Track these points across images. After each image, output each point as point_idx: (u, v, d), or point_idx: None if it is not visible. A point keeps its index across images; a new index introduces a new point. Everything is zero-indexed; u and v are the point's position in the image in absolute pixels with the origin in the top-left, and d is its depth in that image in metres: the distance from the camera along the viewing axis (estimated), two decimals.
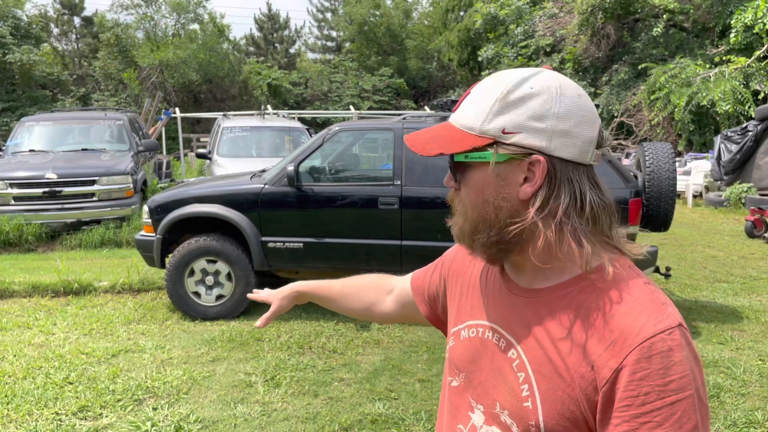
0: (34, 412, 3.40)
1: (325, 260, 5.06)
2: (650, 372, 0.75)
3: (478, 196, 0.86)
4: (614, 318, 0.79)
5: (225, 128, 10.15)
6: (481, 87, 0.87)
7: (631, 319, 0.78)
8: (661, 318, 0.78)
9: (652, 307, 0.80)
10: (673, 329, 0.77)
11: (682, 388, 0.74)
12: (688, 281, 6.33)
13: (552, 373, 0.82)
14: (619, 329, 0.78)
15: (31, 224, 8.13)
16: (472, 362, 0.95)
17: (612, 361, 0.77)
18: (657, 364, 0.75)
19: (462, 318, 1.02)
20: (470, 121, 0.85)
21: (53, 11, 32.53)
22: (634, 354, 0.76)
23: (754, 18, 14.19)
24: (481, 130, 0.84)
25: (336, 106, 28.09)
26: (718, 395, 3.62)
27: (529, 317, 0.88)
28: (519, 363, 0.87)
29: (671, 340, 0.76)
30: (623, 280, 0.83)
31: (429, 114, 6.82)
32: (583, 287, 0.84)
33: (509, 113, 0.83)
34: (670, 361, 0.75)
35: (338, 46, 38.22)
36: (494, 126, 0.83)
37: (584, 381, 0.79)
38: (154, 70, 26.57)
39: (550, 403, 0.82)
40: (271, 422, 3.30)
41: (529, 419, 0.83)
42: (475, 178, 0.86)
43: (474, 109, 0.85)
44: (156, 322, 5.04)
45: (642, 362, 0.75)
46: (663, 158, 4.92)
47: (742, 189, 11.72)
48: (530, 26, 21.15)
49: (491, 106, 0.83)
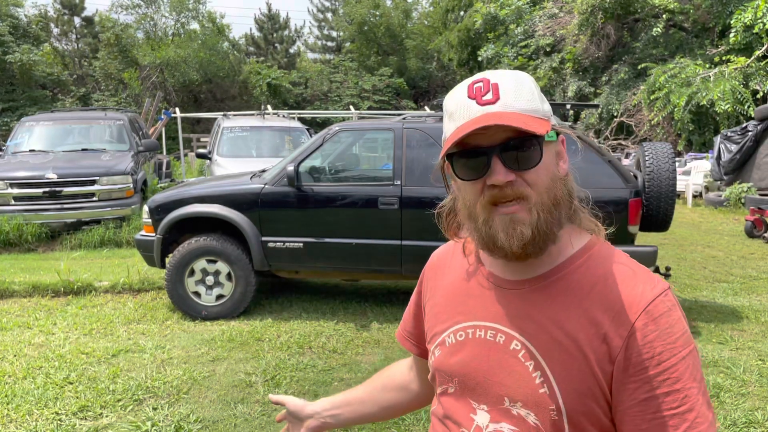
0: (34, 412, 3.40)
1: (325, 260, 5.06)
2: (659, 332, 0.80)
3: (548, 176, 0.86)
4: (613, 290, 0.84)
5: (225, 128, 10.15)
6: (507, 78, 0.88)
7: (630, 288, 0.84)
8: (653, 283, 0.85)
9: (643, 274, 0.86)
10: (667, 290, 0.84)
11: (687, 342, 0.81)
12: (688, 281, 6.33)
13: (563, 354, 0.84)
14: (620, 299, 0.83)
15: (31, 224, 8.13)
16: (464, 365, 0.94)
17: (621, 329, 0.81)
18: (663, 324, 0.81)
19: (442, 327, 1.00)
20: (531, 105, 0.86)
21: (53, 11, 32.55)
22: (642, 319, 0.81)
23: (753, 18, 14.19)
24: (543, 112, 0.88)
25: (336, 106, 28.10)
26: (718, 395, 3.62)
27: (526, 307, 0.89)
28: (525, 353, 0.87)
29: (668, 300, 0.83)
30: (610, 255, 0.89)
31: (429, 114, 6.82)
32: (575, 268, 0.88)
33: (544, 98, 0.90)
34: (672, 319, 0.81)
35: (338, 46, 38.22)
36: (547, 108, 0.89)
37: (597, 354, 0.82)
38: (154, 70, 26.58)
39: (567, 383, 0.83)
40: (271, 422, 3.30)
41: (548, 405, 0.84)
42: (546, 158, 0.86)
43: (524, 95, 0.86)
44: (156, 322, 5.04)
45: (650, 325, 0.81)
46: (663, 158, 4.92)
47: (741, 189, 11.71)
48: (530, 26, 21.15)
49: (535, 92, 0.88)
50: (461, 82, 0.91)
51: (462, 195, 0.91)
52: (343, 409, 1.23)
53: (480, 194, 0.86)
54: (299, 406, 1.24)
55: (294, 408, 1.24)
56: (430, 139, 4.94)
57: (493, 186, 0.84)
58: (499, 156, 0.84)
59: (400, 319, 4.37)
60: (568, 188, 0.90)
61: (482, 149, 0.84)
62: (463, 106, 0.87)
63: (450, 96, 0.91)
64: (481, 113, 0.85)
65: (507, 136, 0.83)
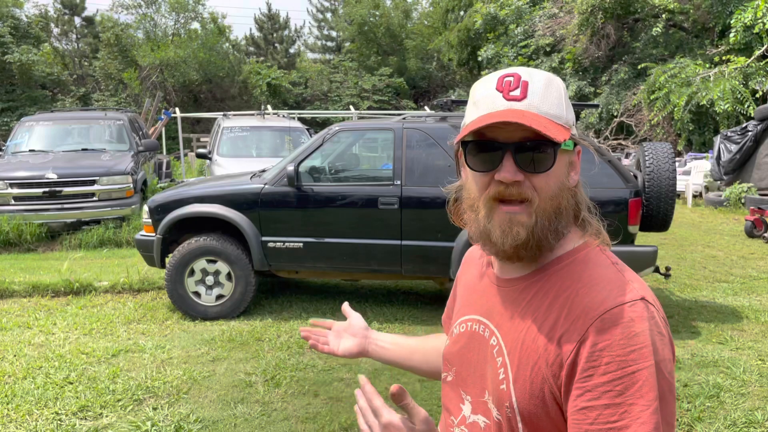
0: (34, 412, 3.40)
1: (325, 260, 5.06)
2: (611, 342, 0.77)
3: (556, 184, 0.86)
4: (578, 296, 0.83)
5: (225, 128, 10.15)
6: (538, 78, 0.87)
7: (594, 294, 0.81)
8: (623, 292, 0.81)
9: (615, 282, 0.83)
10: (635, 302, 0.79)
11: (643, 357, 0.76)
12: (688, 281, 6.33)
13: (524, 355, 0.85)
14: (581, 305, 0.81)
15: (31, 224, 8.13)
16: (461, 356, 0.99)
17: (575, 335, 0.79)
18: (618, 335, 0.77)
19: (455, 319, 1.05)
20: (557, 111, 0.86)
21: (53, 11, 32.55)
22: (595, 325, 0.78)
23: (753, 18, 14.19)
24: (566, 120, 0.87)
25: (336, 106, 28.09)
26: (718, 395, 3.62)
27: (507, 305, 0.91)
28: (498, 349, 0.90)
29: (632, 311, 0.78)
30: (591, 262, 0.87)
31: (429, 114, 6.82)
32: (555, 271, 0.88)
33: (570, 106, 0.90)
34: (630, 331, 0.77)
35: (338, 46, 38.21)
36: (570, 117, 0.88)
37: (551, 358, 0.81)
38: (154, 70, 26.56)
39: (520, 383, 0.84)
40: (271, 422, 3.30)
41: (504, 401, 0.86)
42: (558, 166, 0.87)
43: (552, 100, 0.86)
44: (156, 322, 5.04)
45: (603, 333, 0.77)
46: (663, 158, 4.92)
47: (741, 189, 11.71)
48: (530, 26, 21.14)
49: (564, 98, 0.88)
50: (491, 73, 0.90)
51: (469, 184, 0.92)
52: (393, 347, 1.28)
53: (486, 188, 0.87)
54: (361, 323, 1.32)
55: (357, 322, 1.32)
56: (430, 139, 4.94)
57: (500, 182, 0.85)
58: (513, 154, 0.84)
59: (399, 320, 4.40)
60: (577, 199, 0.90)
61: (498, 144, 0.85)
62: (489, 97, 0.87)
63: (479, 83, 0.91)
64: (504, 108, 0.85)
65: (524, 135, 0.83)
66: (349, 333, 1.31)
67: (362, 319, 1.34)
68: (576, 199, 0.90)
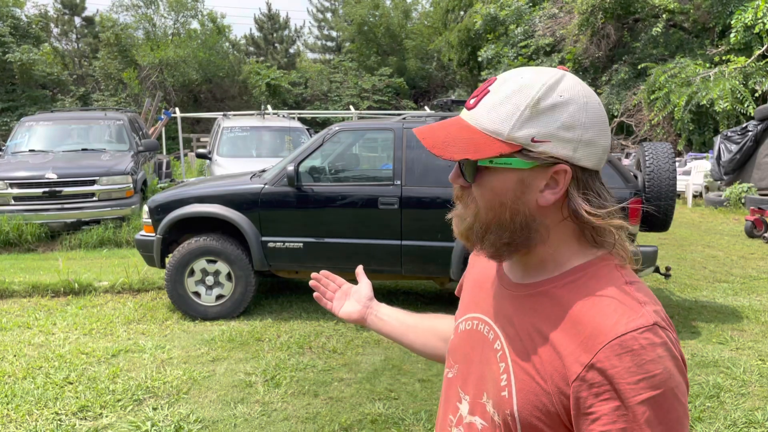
0: (34, 412, 3.40)
1: (325, 260, 5.06)
2: (620, 370, 0.75)
3: (495, 200, 0.85)
4: (588, 315, 0.80)
5: (225, 128, 10.16)
6: (504, 88, 0.84)
7: (604, 317, 0.79)
8: (634, 317, 0.78)
9: (626, 305, 0.80)
10: (647, 328, 0.77)
11: (655, 386, 0.74)
12: (688, 281, 6.33)
13: (528, 365, 0.84)
14: (591, 326, 0.79)
15: (31, 224, 8.13)
16: (464, 354, 0.98)
17: (583, 357, 0.78)
18: (627, 362, 0.75)
19: (462, 312, 1.05)
20: (497, 126, 0.83)
21: (53, 11, 32.54)
22: (604, 351, 0.76)
23: (753, 18, 14.18)
24: (509, 136, 0.82)
25: (336, 106, 28.08)
26: (718, 395, 3.62)
27: (514, 310, 0.90)
28: (502, 354, 0.89)
29: (643, 338, 0.76)
30: (604, 279, 0.84)
31: (429, 114, 6.82)
32: (566, 284, 0.86)
33: (540, 121, 0.82)
34: (641, 359, 0.75)
35: (338, 46, 38.18)
36: (524, 134, 0.82)
37: (556, 374, 0.80)
38: (153, 70, 26.56)
39: (524, 394, 0.83)
40: (271, 422, 3.30)
41: (505, 408, 0.85)
42: (495, 182, 0.85)
43: (500, 113, 0.83)
44: (156, 322, 5.04)
45: (612, 359, 0.75)
46: (663, 158, 4.92)
47: (742, 189, 11.71)
48: (530, 26, 21.13)
49: (521, 112, 0.82)
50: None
51: None
52: (392, 321, 1.30)
53: None
54: (368, 292, 1.34)
55: (364, 290, 1.34)
56: None
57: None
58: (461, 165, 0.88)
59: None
60: (542, 220, 0.85)
61: None
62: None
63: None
64: (456, 116, 0.89)
65: None
66: (354, 298, 1.33)
67: (371, 289, 1.35)
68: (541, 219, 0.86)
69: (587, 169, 0.84)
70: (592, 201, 0.85)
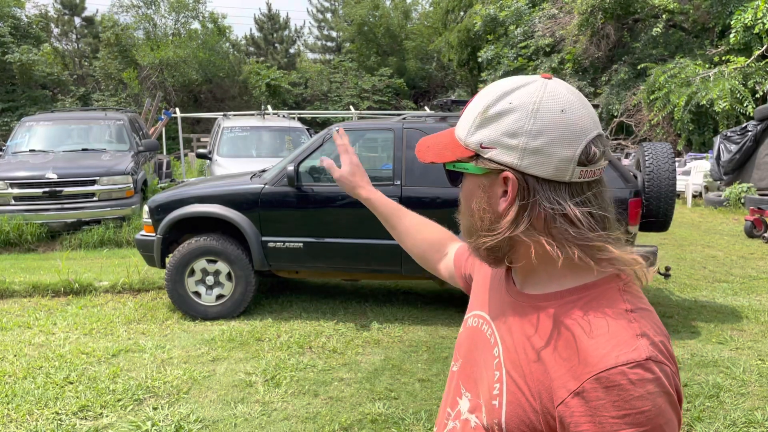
0: (34, 412, 3.40)
1: (325, 260, 5.06)
2: (605, 403, 0.73)
3: (466, 204, 0.91)
4: (581, 341, 0.78)
5: (225, 128, 10.16)
6: (477, 97, 0.89)
7: (596, 346, 0.77)
8: (627, 350, 0.75)
9: (622, 336, 0.77)
10: (637, 363, 0.74)
11: (639, 423, 0.72)
12: (687, 281, 6.33)
13: (520, 379, 0.84)
14: (583, 353, 0.77)
15: (31, 224, 8.13)
16: (469, 351, 0.99)
17: (570, 383, 0.77)
18: (613, 396, 0.73)
19: (473, 307, 1.06)
20: (460, 132, 0.89)
21: (54, 11, 32.54)
22: (590, 383, 0.75)
23: (753, 18, 14.18)
24: (465, 142, 0.87)
25: (336, 106, 28.08)
26: (717, 395, 3.63)
27: (514, 320, 0.90)
28: (498, 362, 0.89)
29: (633, 374, 0.74)
30: (605, 304, 0.81)
31: (429, 114, 6.82)
32: (565, 303, 0.84)
33: (487, 128, 0.84)
34: (627, 395, 0.73)
35: (338, 46, 38.18)
36: (474, 139, 0.86)
37: (545, 394, 0.80)
38: (154, 70, 26.56)
39: (513, 407, 0.83)
40: (271, 422, 3.30)
41: (494, 417, 0.86)
42: (465, 186, 0.92)
43: (464, 120, 0.89)
44: (156, 321, 5.04)
45: (598, 392, 0.74)
46: (662, 158, 4.92)
47: (741, 189, 11.72)
48: (530, 27, 21.13)
49: (474, 118, 0.86)
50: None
51: None
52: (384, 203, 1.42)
53: None
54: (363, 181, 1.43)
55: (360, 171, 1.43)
56: None
57: None
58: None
59: (400, 319, 4.39)
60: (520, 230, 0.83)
61: None
62: None
63: None
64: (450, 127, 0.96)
65: None
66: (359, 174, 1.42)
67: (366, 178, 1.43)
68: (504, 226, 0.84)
69: (543, 178, 0.81)
70: (555, 213, 0.81)
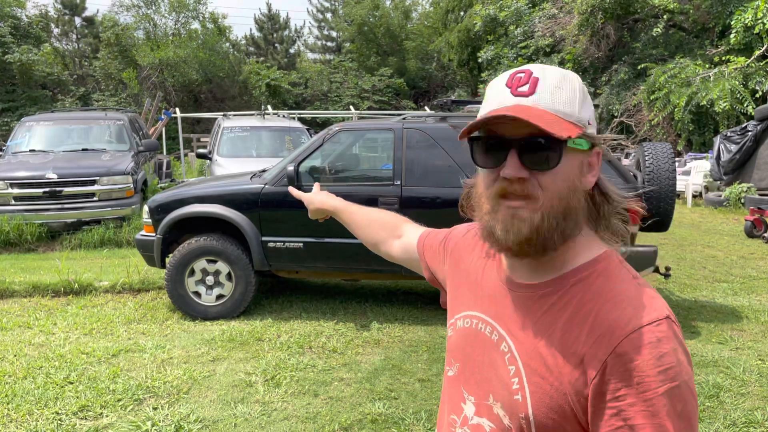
0: (34, 412, 3.40)
1: (325, 260, 5.06)
2: (639, 363, 0.75)
3: (565, 183, 0.83)
4: (602, 312, 0.81)
5: (225, 128, 10.16)
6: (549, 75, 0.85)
7: (618, 312, 0.79)
8: (648, 310, 0.79)
9: (639, 300, 0.81)
10: (661, 321, 0.78)
11: (672, 378, 0.75)
12: (687, 281, 6.33)
13: (541, 366, 0.83)
14: (606, 322, 0.79)
15: (32, 224, 8.13)
16: (465, 353, 0.97)
17: (601, 353, 0.78)
18: (646, 355, 0.76)
19: (460, 308, 1.03)
20: (566, 107, 0.84)
21: (54, 11, 32.53)
22: (623, 346, 0.77)
23: (753, 18, 14.18)
24: (578, 118, 0.85)
25: (336, 106, 28.08)
26: (717, 395, 3.63)
27: (523, 312, 0.89)
28: (510, 356, 0.88)
29: (659, 331, 0.77)
30: (613, 275, 0.85)
31: (429, 114, 6.82)
32: (575, 282, 0.86)
33: (588, 105, 0.87)
34: (658, 351, 0.76)
35: (338, 46, 38.17)
36: (584, 116, 0.86)
37: (573, 375, 0.80)
38: (154, 70, 26.55)
39: (539, 396, 0.83)
40: (271, 422, 3.30)
41: (519, 412, 0.85)
42: (567, 165, 0.83)
43: (562, 96, 0.84)
44: (156, 321, 5.04)
45: (631, 353, 0.76)
46: (662, 158, 4.92)
47: (741, 189, 11.71)
48: (530, 27, 21.14)
49: (578, 96, 0.85)
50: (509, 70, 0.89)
51: (477, 180, 0.92)
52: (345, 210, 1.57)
53: (492, 184, 0.86)
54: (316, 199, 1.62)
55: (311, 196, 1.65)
56: (431, 139, 4.94)
57: (504, 179, 0.83)
58: (518, 151, 0.83)
59: (400, 319, 4.39)
60: (595, 202, 0.88)
61: (503, 140, 0.84)
62: (498, 93, 0.86)
63: (492, 80, 0.91)
64: (512, 104, 0.84)
65: (530, 132, 0.81)
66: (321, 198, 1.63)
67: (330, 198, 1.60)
68: (594, 203, 0.87)
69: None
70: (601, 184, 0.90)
